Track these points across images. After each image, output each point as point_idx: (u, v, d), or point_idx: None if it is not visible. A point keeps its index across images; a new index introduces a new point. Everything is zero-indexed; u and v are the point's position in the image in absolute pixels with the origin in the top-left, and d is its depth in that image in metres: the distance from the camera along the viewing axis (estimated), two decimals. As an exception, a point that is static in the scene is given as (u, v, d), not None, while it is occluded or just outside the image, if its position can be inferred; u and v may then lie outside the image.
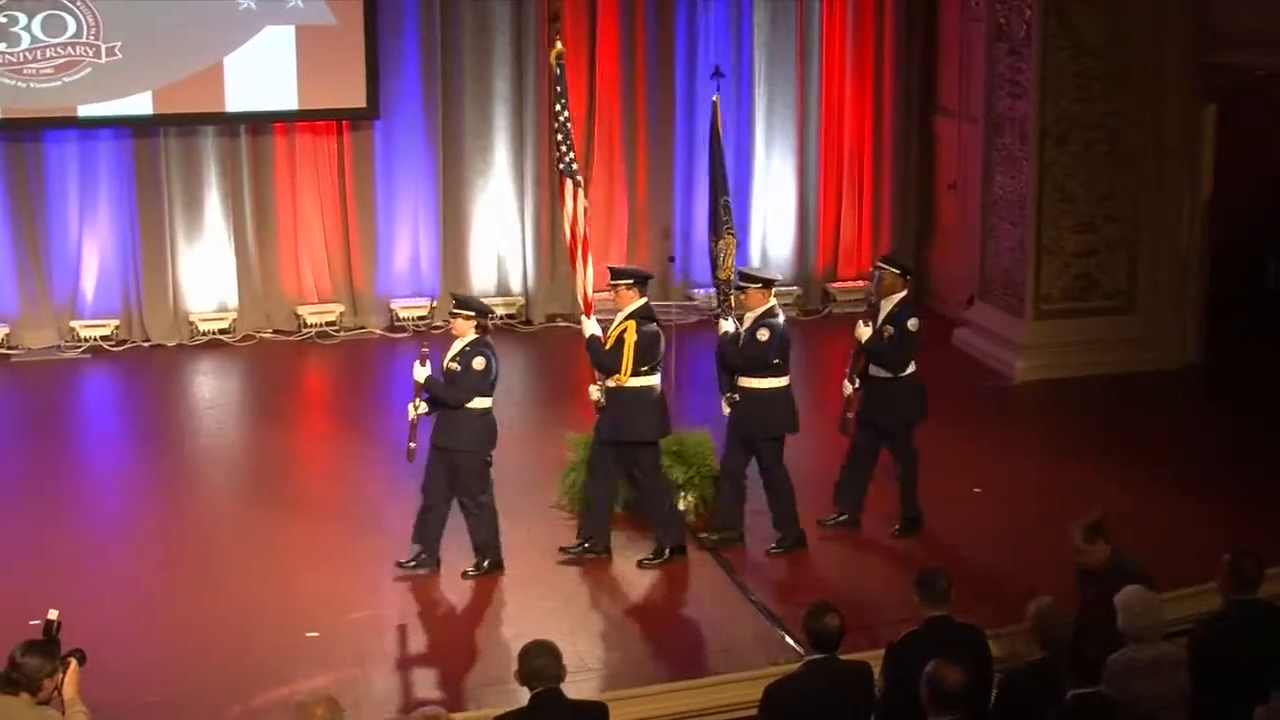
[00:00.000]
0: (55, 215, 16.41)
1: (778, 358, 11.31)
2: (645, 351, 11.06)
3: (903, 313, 11.59)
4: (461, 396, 10.79)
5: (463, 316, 10.94)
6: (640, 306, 11.17)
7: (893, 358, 11.52)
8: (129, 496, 12.74)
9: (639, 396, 11.13)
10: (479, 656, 10.04)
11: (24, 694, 7.02)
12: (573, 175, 11.62)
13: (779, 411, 11.41)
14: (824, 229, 18.18)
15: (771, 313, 11.35)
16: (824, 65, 17.90)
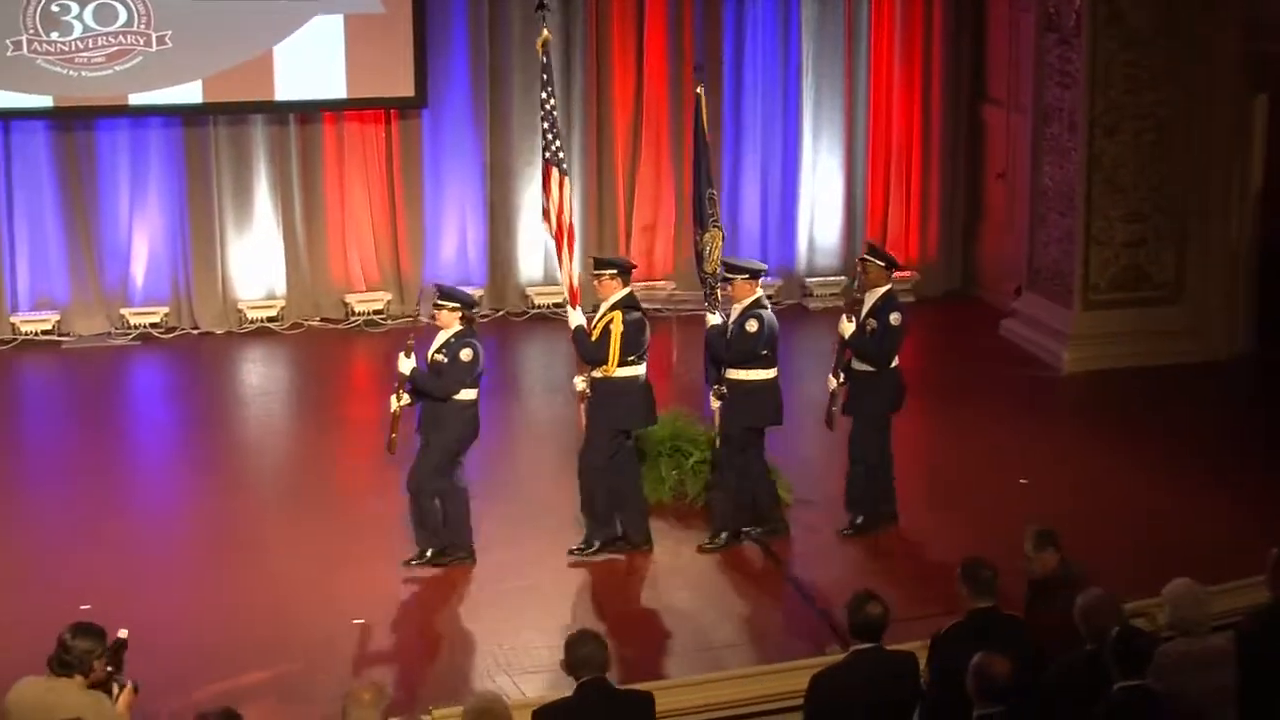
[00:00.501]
0: (106, 203, 16.52)
1: (766, 349, 11.22)
2: (631, 341, 10.98)
3: (886, 306, 11.44)
4: (449, 388, 10.74)
5: (447, 308, 10.87)
6: (624, 296, 11.09)
7: (875, 352, 11.39)
8: (178, 483, 12.82)
9: (625, 386, 11.06)
10: (524, 645, 10.06)
11: (76, 675, 7.07)
12: (559, 164, 11.53)
13: (765, 403, 11.32)
14: (871, 219, 18.13)
15: (759, 304, 11.27)
16: (872, 55, 17.85)
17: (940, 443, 13.60)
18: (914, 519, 11.89)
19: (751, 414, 11.29)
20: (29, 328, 16.29)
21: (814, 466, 12.80)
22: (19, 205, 16.32)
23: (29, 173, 16.31)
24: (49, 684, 7.07)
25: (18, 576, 10.84)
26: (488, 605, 10.59)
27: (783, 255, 17.93)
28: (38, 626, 7.78)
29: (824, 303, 17.66)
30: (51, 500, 12.31)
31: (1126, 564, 10.59)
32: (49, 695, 6.99)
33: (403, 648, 10.02)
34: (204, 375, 15.71)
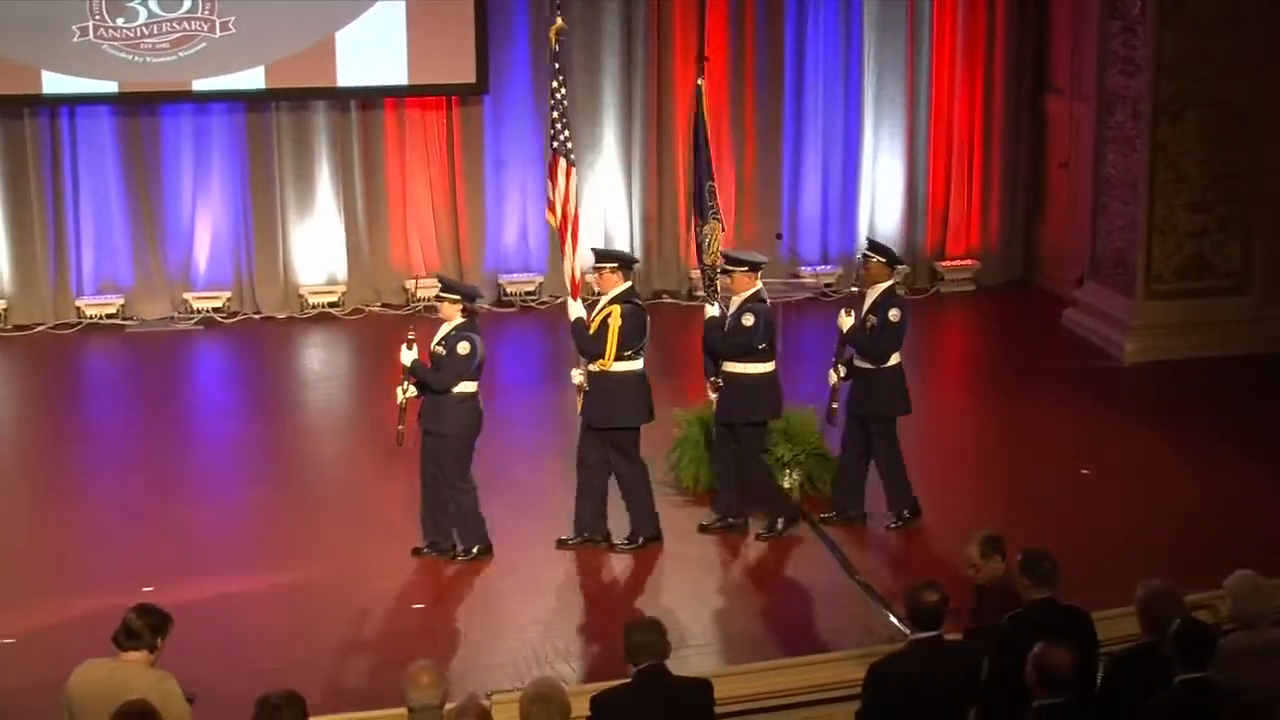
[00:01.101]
0: (170, 188, 16.63)
1: (763, 343, 11.11)
2: (629, 336, 10.87)
3: (885, 302, 11.28)
4: (447, 381, 10.66)
5: (449, 300, 10.79)
6: (625, 290, 10.98)
7: (872, 349, 11.26)
8: (238, 466, 12.89)
9: (622, 382, 10.94)
10: (588, 631, 10.09)
11: (142, 650, 7.14)
12: (567, 154, 11.47)
13: (763, 397, 11.20)
14: (933, 207, 18.07)
15: (758, 297, 11.15)
16: (934, 42, 17.78)
17: (1001, 432, 13.55)
18: (975, 509, 11.83)
19: (750, 408, 11.16)
20: (94, 311, 16.44)
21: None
22: (84, 190, 16.46)
23: (94, 158, 16.45)
24: (114, 665, 7.13)
25: (80, 559, 10.92)
26: (539, 594, 10.61)
27: (843, 244, 17.89)
28: (100, 609, 7.85)
29: (884, 291, 17.60)
30: (114, 483, 12.41)
31: (1187, 555, 10.53)
32: (114, 675, 7.06)
33: (460, 633, 10.04)
34: (265, 360, 15.79)
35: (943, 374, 15.93)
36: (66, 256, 16.51)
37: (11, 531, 11.49)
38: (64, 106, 16.28)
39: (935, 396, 14.86)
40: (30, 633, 9.79)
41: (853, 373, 11.38)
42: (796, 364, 13.63)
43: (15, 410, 14.65)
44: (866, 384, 11.35)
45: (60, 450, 13.25)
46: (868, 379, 11.34)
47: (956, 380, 15.75)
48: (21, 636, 9.75)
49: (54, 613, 10.05)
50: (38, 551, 11.11)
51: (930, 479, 12.30)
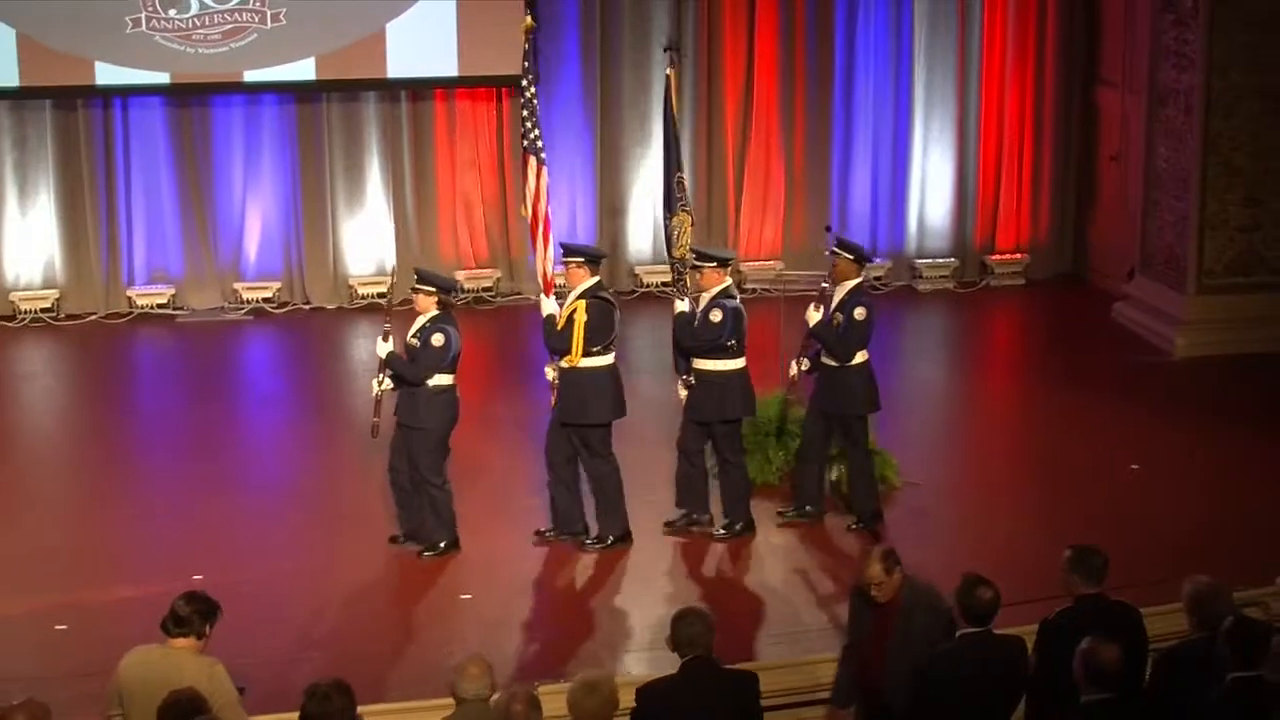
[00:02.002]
0: (221, 179, 16.72)
1: (732, 339, 10.94)
2: (596, 332, 10.76)
3: (851, 300, 11.11)
4: (422, 373, 10.60)
5: (424, 292, 10.72)
6: (592, 285, 10.86)
7: (838, 346, 11.09)
8: (288, 456, 12.94)
9: (592, 377, 10.83)
10: (631, 623, 10.11)
11: (190, 637, 7.19)
12: (536, 152, 11.40)
13: (734, 395, 11.06)
14: (982, 200, 18.01)
15: (727, 293, 10.98)
16: (985, 35, 17.71)
17: (1050, 427, 13.49)
18: (1023, 503, 11.82)
19: (722, 406, 11.03)
20: (145, 301, 16.55)
21: (922, 449, 12.75)
22: (136, 181, 16.58)
23: (146, 149, 16.56)
24: (163, 651, 7.17)
25: (130, 546, 10.99)
26: (587, 584, 10.65)
27: (892, 237, 17.86)
28: (150, 595, 7.90)
29: (933, 285, 17.60)
30: (164, 472, 12.49)
31: (1237, 551, 10.48)
32: (163, 662, 7.10)
33: (506, 624, 10.06)
34: (314, 350, 15.86)
35: (991, 368, 15.90)
36: (118, 247, 16.63)
37: (63, 519, 11.58)
38: (116, 98, 16.39)
39: (983, 391, 14.86)
40: (82, 619, 9.86)
41: (819, 369, 11.24)
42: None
43: (67, 399, 14.75)
44: (833, 381, 11.19)
45: (110, 439, 13.34)
46: (834, 376, 11.18)
47: (1005, 374, 15.70)
48: (73, 623, 9.82)
49: (104, 599, 10.14)
50: (89, 539, 11.19)
51: (978, 473, 12.31)
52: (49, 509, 11.83)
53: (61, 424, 14.03)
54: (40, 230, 16.51)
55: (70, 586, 10.35)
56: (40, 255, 16.57)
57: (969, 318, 17.05)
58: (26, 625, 9.84)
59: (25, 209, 16.46)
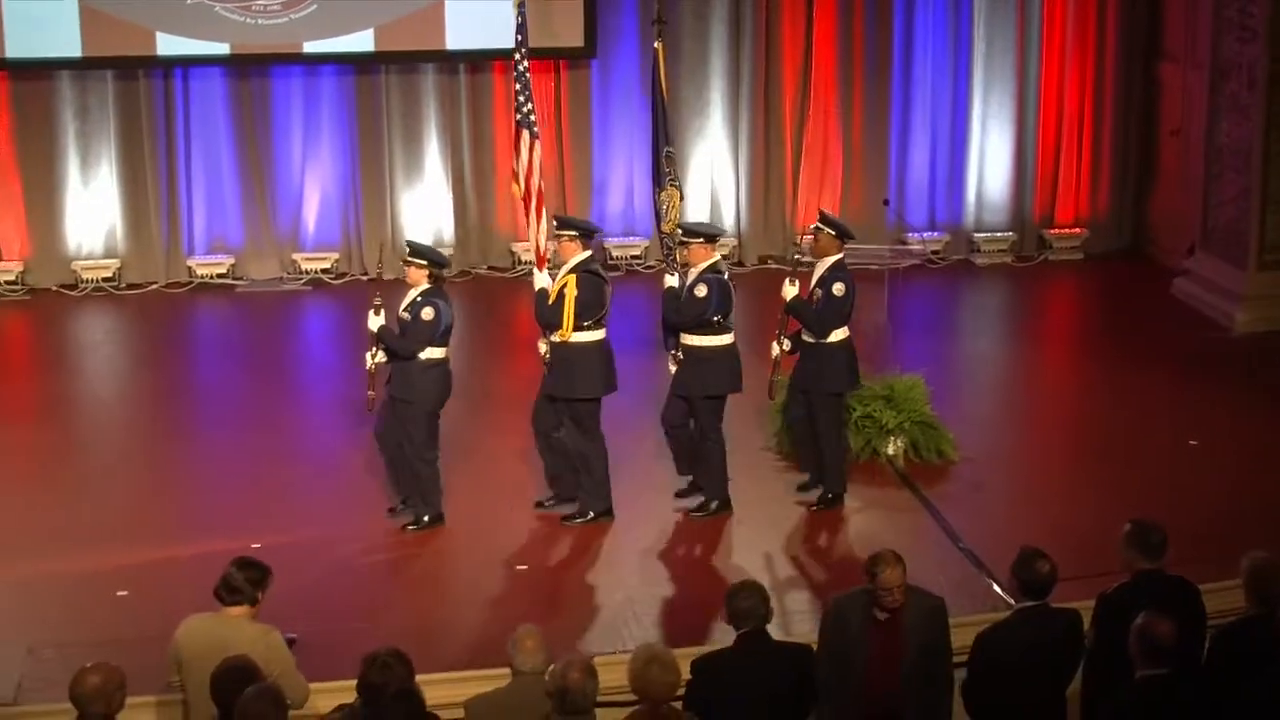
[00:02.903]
0: (280, 150, 16.79)
1: (718, 315, 10.86)
2: (586, 306, 10.70)
3: (831, 276, 10.98)
4: (412, 347, 10.55)
5: (415, 265, 10.68)
6: (584, 259, 10.79)
7: (815, 322, 10.99)
8: (344, 426, 12.95)
9: (583, 352, 10.78)
10: (686, 595, 10.12)
11: (244, 605, 7.26)
12: (529, 127, 11.33)
13: (720, 370, 10.97)
14: (1041, 174, 17.91)
15: (714, 269, 10.89)
16: (1045, 7, 17.59)
17: (1108, 402, 13.43)
18: (1081, 478, 11.78)
19: (708, 381, 10.96)
20: (204, 271, 16.65)
21: (979, 423, 12.72)
22: (196, 151, 16.67)
23: (206, 119, 16.64)
24: (218, 619, 7.23)
25: (189, 514, 11.07)
26: (637, 558, 10.67)
27: (950, 211, 17.79)
28: (209, 563, 7.95)
29: (991, 259, 17.52)
30: (222, 440, 12.55)
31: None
32: (219, 629, 7.17)
33: (559, 596, 10.10)
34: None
35: (1049, 343, 15.82)
36: (179, 217, 16.73)
37: (123, 487, 11.69)
38: (177, 68, 16.47)
39: (1040, 365, 14.81)
40: (142, 585, 9.96)
41: (799, 346, 11.16)
42: (903, 332, 13.63)
43: (127, 368, 14.87)
44: (810, 358, 11.11)
45: (170, 408, 13.44)
46: (812, 352, 11.10)
47: (1063, 349, 15.63)
48: (134, 589, 9.92)
49: (164, 566, 10.23)
50: (149, 506, 11.28)
51: (1035, 448, 12.27)
52: (110, 477, 11.95)
53: (122, 392, 14.14)
54: (102, 200, 16.63)
55: (130, 554, 10.45)
56: (102, 225, 16.69)
57: (1026, 292, 16.97)
58: (89, 591, 9.94)
59: (87, 179, 16.58)
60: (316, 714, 7.32)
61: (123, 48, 16.11)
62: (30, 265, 16.54)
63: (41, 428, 13.00)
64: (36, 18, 15.87)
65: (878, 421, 11.85)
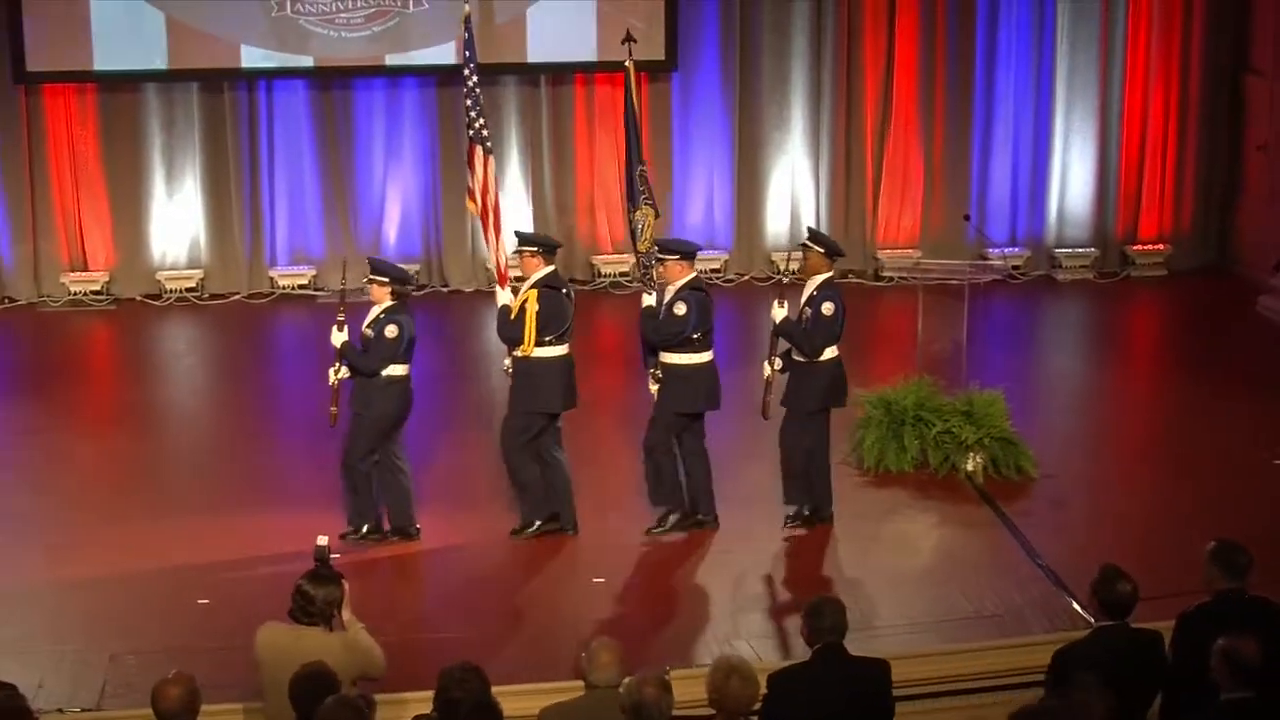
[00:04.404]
0: (361, 162, 16.91)
1: (697, 332, 10.73)
2: (548, 320, 10.66)
3: (821, 295, 10.77)
4: (373, 364, 10.55)
5: (378, 283, 10.68)
6: (546, 275, 10.75)
7: (804, 342, 10.81)
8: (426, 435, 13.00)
9: (545, 367, 10.73)
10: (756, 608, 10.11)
11: (319, 625, 7.24)
12: (482, 142, 11.27)
13: (700, 388, 10.83)
14: (1124, 189, 17.78)
15: (693, 285, 10.77)
16: (1129, 22, 17.47)
17: (1191, 420, 13.31)
18: (1163, 496, 11.68)
19: (684, 398, 10.83)
20: (286, 282, 16.78)
21: (1060, 440, 12.63)
22: (280, 163, 16.81)
23: (289, 131, 16.78)
24: (294, 632, 7.22)
25: (269, 526, 11.11)
26: (713, 571, 10.64)
27: (1032, 226, 17.69)
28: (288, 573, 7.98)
29: (1073, 275, 17.41)
30: (303, 451, 12.59)
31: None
32: (298, 643, 7.15)
33: (636, 609, 10.10)
34: (452, 331, 15.95)
35: (1131, 360, 15.70)
36: (261, 228, 16.87)
37: (204, 496, 11.77)
38: (261, 80, 16.63)
39: (1122, 382, 14.68)
40: (223, 594, 10.03)
41: (790, 366, 11.00)
42: (981, 348, 13.54)
43: (210, 377, 15.03)
44: (800, 377, 10.95)
45: (251, 418, 13.55)
46: (802, 372, 10.93)
47: (1145, 366, 15.50)
48: (215, 597, 9.99)
49: (243, 575, 10.30)
50: (229, 515, 11.35)
51: (1116, 465, 12.17)
52: (191, 486, 12.05)
53: (204, 402, 14.28)
54: (186, 211, 16.80)
55: (211, 562, 10.53)
56: (186, 235, 16.86)
57: (1108, 308, 16.84)
58: (170, 598, 10.03)
59: (172, 190, 16.75)
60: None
61: (208, 60, 16.30)
62: (116, 275, 16.72)
63: (124, 436, 13.15)
64: (124, 31, 16.07)
65: (957, 437, 11.80)
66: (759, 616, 10.01)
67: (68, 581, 10.27)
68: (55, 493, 11.82)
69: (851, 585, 10.22)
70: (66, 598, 10.07)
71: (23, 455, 12.64)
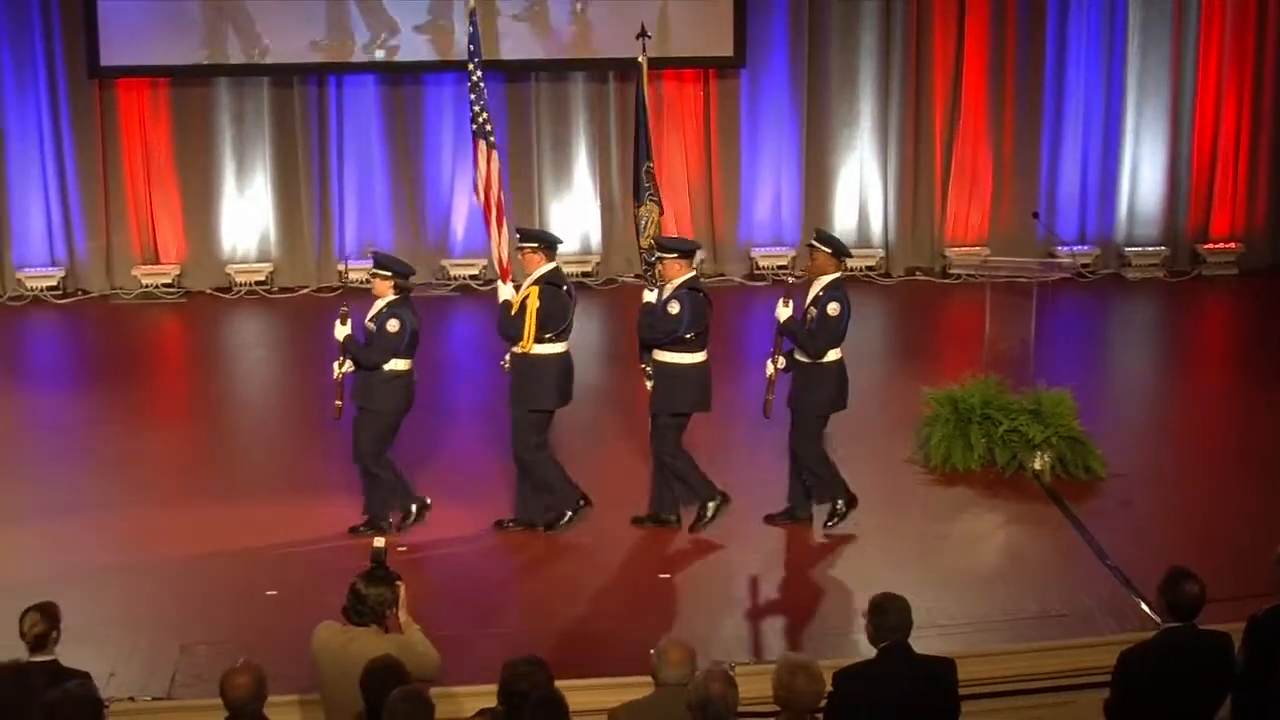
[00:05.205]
0: (430, 157, 17.00)
1: (691, 332, 10.63)
2: (548, 318, 10.61)
3: (826, 296, 10.64)
4: (375, 358, 10.56)
5: (381, 277, 10.69)
6: (548, 271, 10.69)
7: (808, 342, 10.69)
8: (485, 432, 13.02)
9: (544, 364, 10.68)
10: (821, 606, 10.10)
11: (372, 626, 7.24)
12: (486, 136, 11.21)
13: (688, 388, 10.74)
14: (1196, 188, 17.67)
15: (690, 285, 10.67)
16: (1202, 19, 17.35)
17: (1260, 420, 13.21)
18: (1232, 497, 11.58)
19: (674, 398, 10.77)
20: (355, 275, 16.84)
21: (1128, 439, 12.56)
22: (349, 157, 16.91)
23: (359, 126, 16.89)
24: (349, 634, 7.24)
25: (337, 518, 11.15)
26: (776, 568, 10.64)
27: (1102, 224, 17.60)
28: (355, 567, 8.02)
29: (1142, 273, 17.31)
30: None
31: None
32: (351, 645, 7.16)
33: (702, 605, 10.10)
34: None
35: (1201, 359, 15.61)
36: (330, 222, 16.99)
37: (272, 487, 11.85)
38: (331, 75, 16.71)
39: (1192, 382, 14.59)
40: (290, 585, 10.09)
41: (794, 366, 10.89)
42: (1049, 347, 13.47)
43: (278, 370, 15.13)
44: (803, 378, 10.86)
45: (318, 409, 13.56)
46: (806, 374, 10.83)
47: (1215, 366, 15.40)
48: (283, 589, 10.06)
49: (312, 566, 10.35)
50: (297, 506, 11.41)
51: (1186, 466, 12.10)
52: (261, 478, 12.12)
53: (273, 394, 14.38)
54: (256, 205, 16.93)
55: (280, 553, 10.60)
56: (256, 229, 16.99)
57: (1178, 307, 16.74)
58: (239, 589, 10.09)
59: (242, 184, 16.89)
60: (459, 717, 7.37)
61: (279, 55, 16.43)
62: (186, 268, 16.88)
63: (194, 427, 13.29)
64: (197, 24, 16.20)
65: (1025, 436, 11.74)
66: (825, 615, 9.99)
67: (139, 571, 10.36)
68: (127, 482, 11.93)
69: (916, 584, 10.18)
70: (138, 587, 10.15)
71: (95, 445, 12.76)
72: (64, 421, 13.34)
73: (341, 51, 16.48)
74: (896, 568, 10.53)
